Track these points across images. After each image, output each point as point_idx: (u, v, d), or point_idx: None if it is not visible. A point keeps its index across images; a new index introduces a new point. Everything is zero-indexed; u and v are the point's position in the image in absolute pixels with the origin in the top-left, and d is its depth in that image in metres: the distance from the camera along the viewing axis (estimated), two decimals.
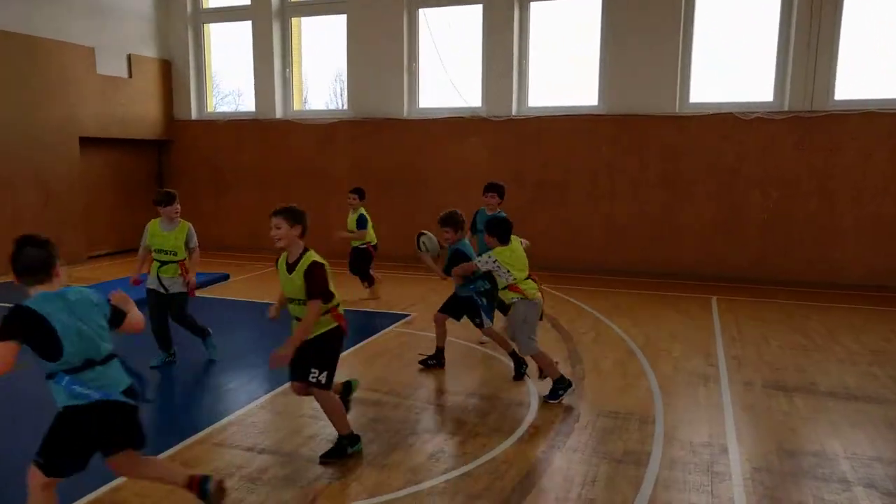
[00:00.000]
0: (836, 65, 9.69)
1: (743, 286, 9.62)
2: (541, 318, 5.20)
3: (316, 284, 3.86)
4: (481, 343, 6.48)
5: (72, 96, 11.38)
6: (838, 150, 9.67)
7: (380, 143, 11.95)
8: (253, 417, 4.80)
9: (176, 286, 5.78)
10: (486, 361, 6.15)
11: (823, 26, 9.50)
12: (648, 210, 10.60)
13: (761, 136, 9.96)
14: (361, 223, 8.36)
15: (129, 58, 12.53)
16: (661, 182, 10.49)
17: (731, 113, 10.06)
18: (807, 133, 9.75)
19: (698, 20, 10.25)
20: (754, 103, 10.13)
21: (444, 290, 8.97)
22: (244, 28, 12.94)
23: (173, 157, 13.59)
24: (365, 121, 12.04)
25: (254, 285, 9.72)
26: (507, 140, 11.21)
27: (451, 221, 5.54)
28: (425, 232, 5.74)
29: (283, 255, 4.04)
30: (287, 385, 5.09)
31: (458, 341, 6.59)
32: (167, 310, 5.84)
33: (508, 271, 5.05)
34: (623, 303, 8.60)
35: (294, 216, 3.91)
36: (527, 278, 5.14)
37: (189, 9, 13.20)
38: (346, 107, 12.55)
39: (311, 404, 5.01)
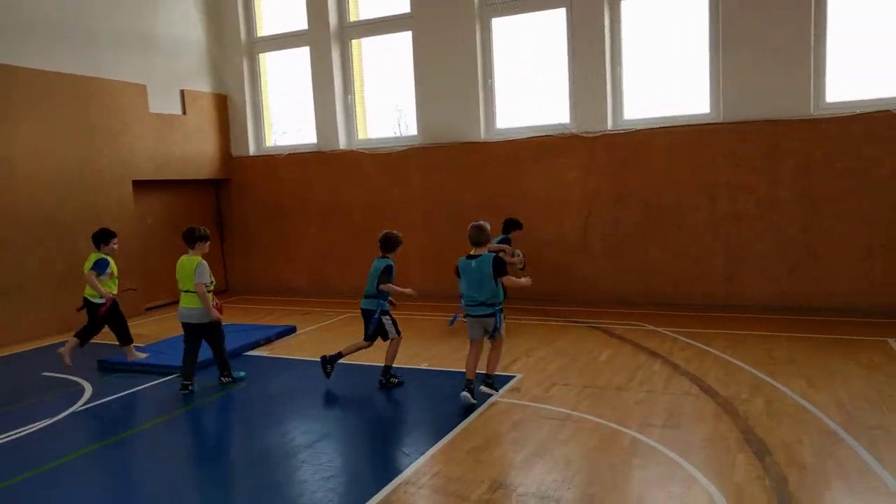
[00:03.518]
0: None
1: None
2: None
3: None
4: None
5: (124, 136, 10.55)
6: None
7: (455, 170, 10.66)
8: None
9: None
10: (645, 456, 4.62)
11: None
12: (784, 233, 8.88)
13: None
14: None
15: (182, 93, 11.70)
16: (798, 199, 8.77)
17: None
18: None
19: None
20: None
21: (561, 338, 7.41)
22: (301, 55, 11.97)
23: (232, 197, 12.65)
24: (437, 146, 10.78)
25: (326, 337, 8.46)
26: (602, 158, 9.75)
27: None
28: None
29: None
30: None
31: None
32: None
33: None
34: (778, 351, 6.91)
35: None
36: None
37: (244, 38, 12.34)
38: (413, 133, 11.32)
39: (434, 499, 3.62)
